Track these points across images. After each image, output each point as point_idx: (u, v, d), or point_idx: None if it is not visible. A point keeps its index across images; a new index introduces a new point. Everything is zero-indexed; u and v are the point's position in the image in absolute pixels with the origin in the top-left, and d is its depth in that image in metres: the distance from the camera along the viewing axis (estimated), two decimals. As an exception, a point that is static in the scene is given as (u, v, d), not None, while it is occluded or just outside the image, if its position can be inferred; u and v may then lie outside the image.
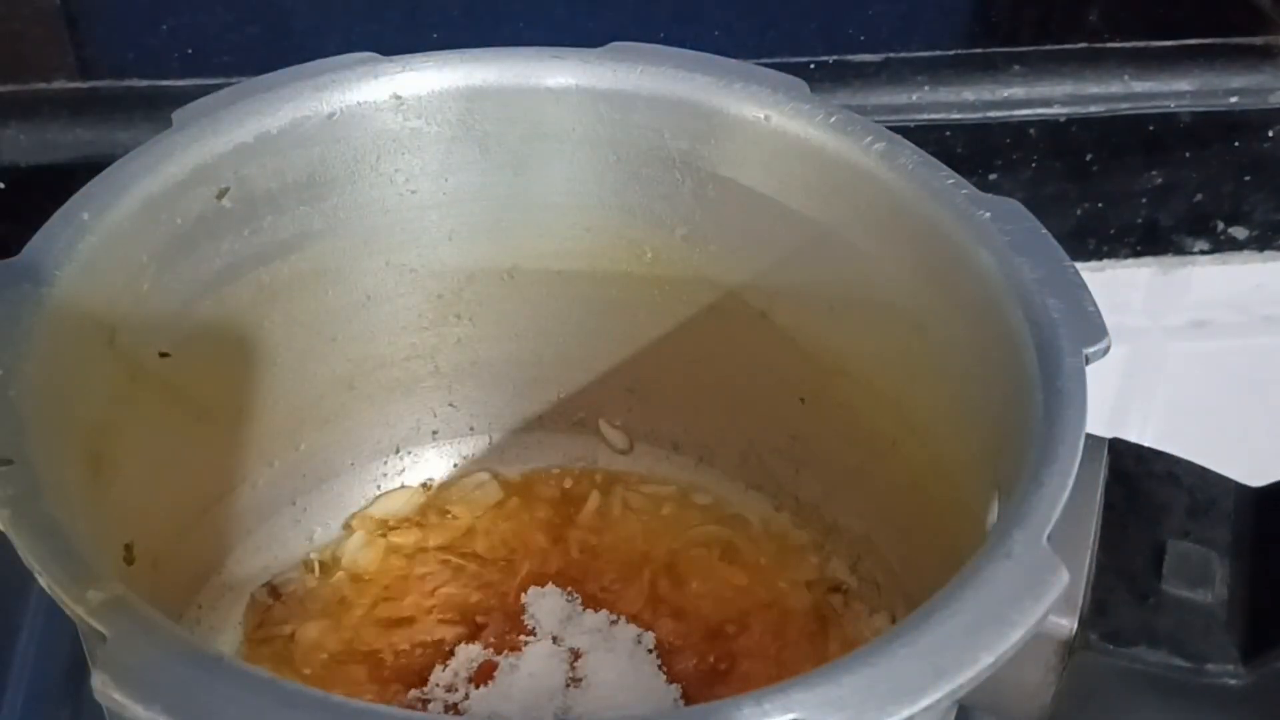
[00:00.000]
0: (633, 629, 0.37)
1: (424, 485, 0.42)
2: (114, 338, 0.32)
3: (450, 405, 0.41)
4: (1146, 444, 0.32)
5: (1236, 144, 0.47)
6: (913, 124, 0.44)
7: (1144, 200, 0.47)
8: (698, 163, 0.36)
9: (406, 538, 0.40)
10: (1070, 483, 0.27)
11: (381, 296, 0.38)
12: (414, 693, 0.36)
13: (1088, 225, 0.48)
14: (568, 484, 0.42)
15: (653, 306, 0.39)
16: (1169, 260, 0.50)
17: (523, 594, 0.38)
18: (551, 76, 0.36)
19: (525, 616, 0.38)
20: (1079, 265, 0.31)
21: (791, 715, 0.23)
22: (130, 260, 0.32)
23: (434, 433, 0.42)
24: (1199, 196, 0.47)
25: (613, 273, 0.39)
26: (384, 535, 0.40)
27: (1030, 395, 0.29)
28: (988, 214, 0.32)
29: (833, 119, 0.35)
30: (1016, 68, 0.45)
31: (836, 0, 0.48)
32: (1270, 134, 0.47)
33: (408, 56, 0.36)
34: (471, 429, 0.42)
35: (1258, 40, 0.47)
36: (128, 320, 0.32)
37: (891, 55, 0.45)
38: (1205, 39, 0.46)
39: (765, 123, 0.35)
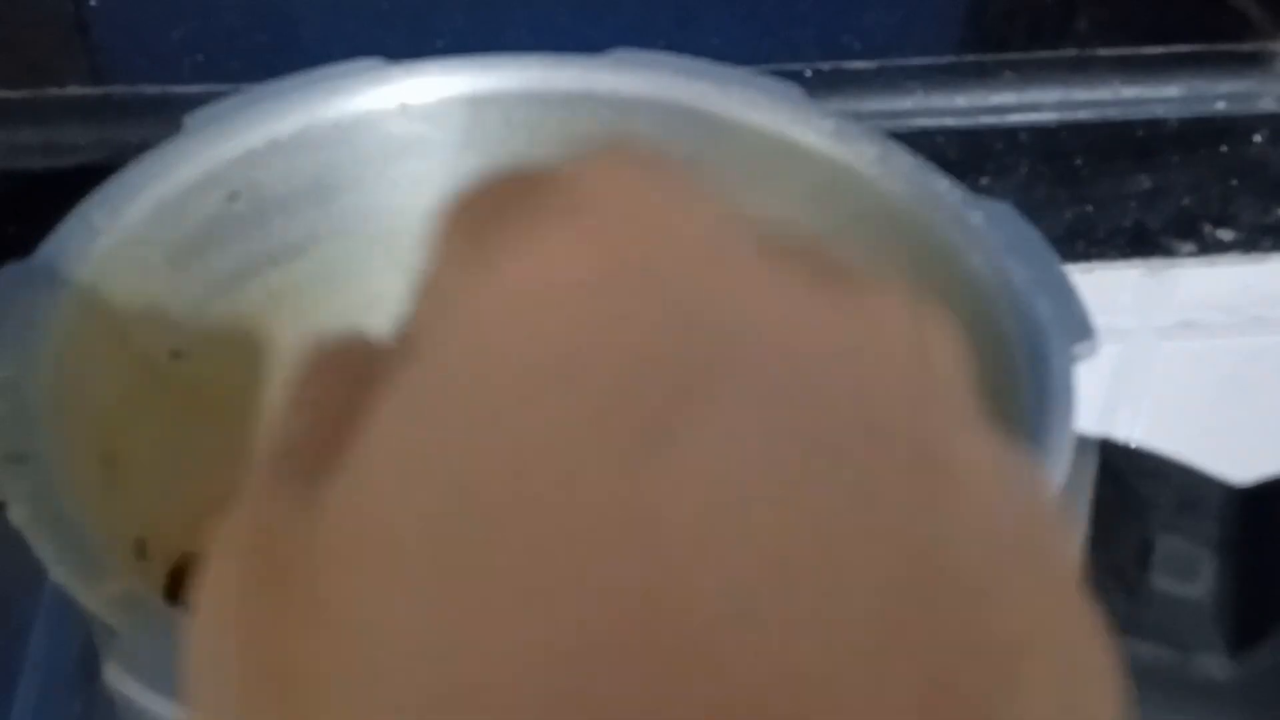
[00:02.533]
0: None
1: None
2: (126, 338, 0.32)
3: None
4: (1135, 442, 0.32)
5: (1224, 149, 0.47)
6: (907, 129, 0.45)
7: (1133, 204, 0.48)
8: (697, 167, 0.37)
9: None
10: (1060, 480, 0.27)
11: (389, 298, 0.38)
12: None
13: (1077, 228, 0.48)
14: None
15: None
16: (1157, 262, 0.50)
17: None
18: (555, 83, 0.36)
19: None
20: (1069, 267, 0.32)
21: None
22: (142, 262, 0.33)
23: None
24: (1187, 200, 0.48)
25: (613, 275, 0.39)
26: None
27: (1020, 395, 0.29)
28: (980, 217, 0.33)
29: (828, 124, 0.35)
30: (1008, 74, 0.46)
31: (833, 8, 0.49)
32: (1257, 138, 0.47)
33: (414, 63, 0.36)
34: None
35: (1245, 47, 0.47)
36: (140, 321, 0.32)
37: (886, 62, 0.45)
38: (1193, 45, 0.47)
39: (762, 128, 0.36)
